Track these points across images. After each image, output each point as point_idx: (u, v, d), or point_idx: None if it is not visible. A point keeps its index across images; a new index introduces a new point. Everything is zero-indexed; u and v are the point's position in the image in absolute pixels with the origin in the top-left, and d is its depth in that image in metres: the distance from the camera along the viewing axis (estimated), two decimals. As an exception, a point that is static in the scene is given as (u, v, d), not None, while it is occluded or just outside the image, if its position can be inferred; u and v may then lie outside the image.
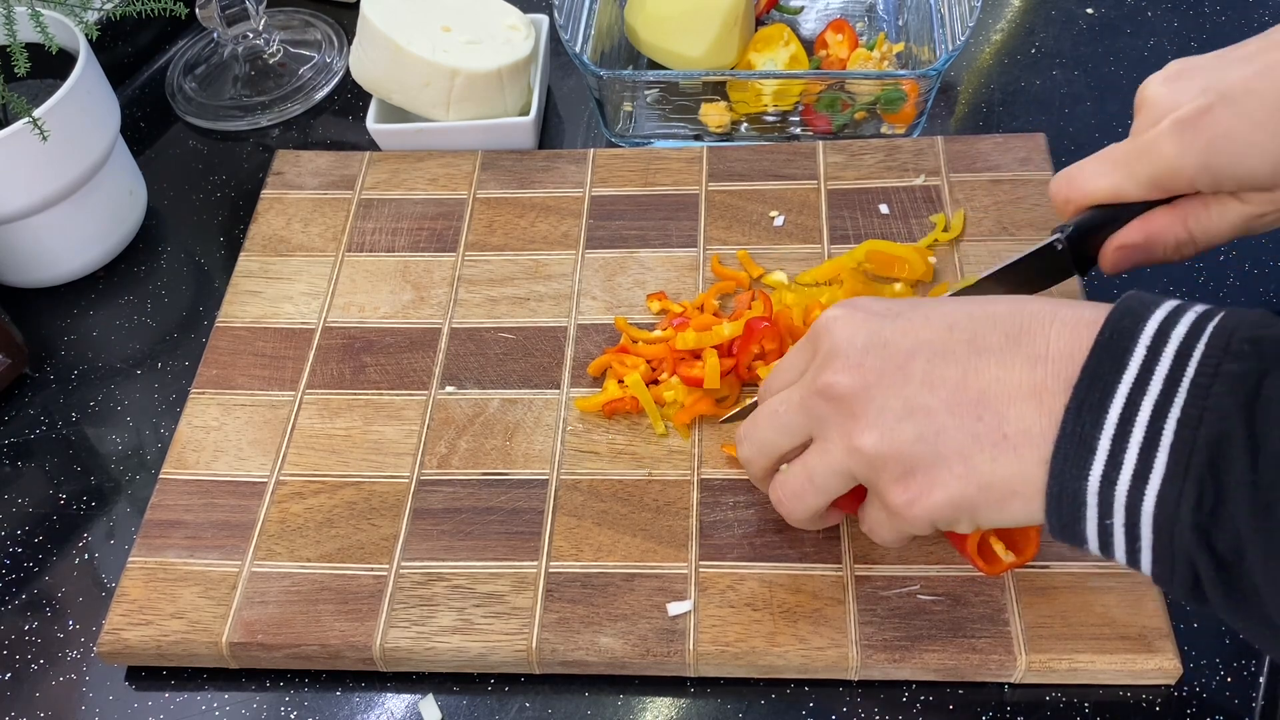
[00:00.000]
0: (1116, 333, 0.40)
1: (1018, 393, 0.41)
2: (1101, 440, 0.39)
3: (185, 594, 0.56)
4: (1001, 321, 0.43)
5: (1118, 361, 0.39)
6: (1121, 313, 0.40)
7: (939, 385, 0.43)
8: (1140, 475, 0.38)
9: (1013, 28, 0.85)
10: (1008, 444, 0.41)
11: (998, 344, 0.42)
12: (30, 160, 0.66)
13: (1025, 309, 0.43)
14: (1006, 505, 0.42)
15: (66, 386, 0.69)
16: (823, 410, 0.46)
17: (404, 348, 0.66)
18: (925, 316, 0.45)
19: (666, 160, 0.74)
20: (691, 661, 0.53)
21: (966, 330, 0.43)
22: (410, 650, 0.54)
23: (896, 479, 0.44)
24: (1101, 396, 0.39)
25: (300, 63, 0.87)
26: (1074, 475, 0.40)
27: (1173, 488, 0.38)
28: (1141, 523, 0.39)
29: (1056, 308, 0.42)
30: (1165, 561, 0.39)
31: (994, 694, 0.53)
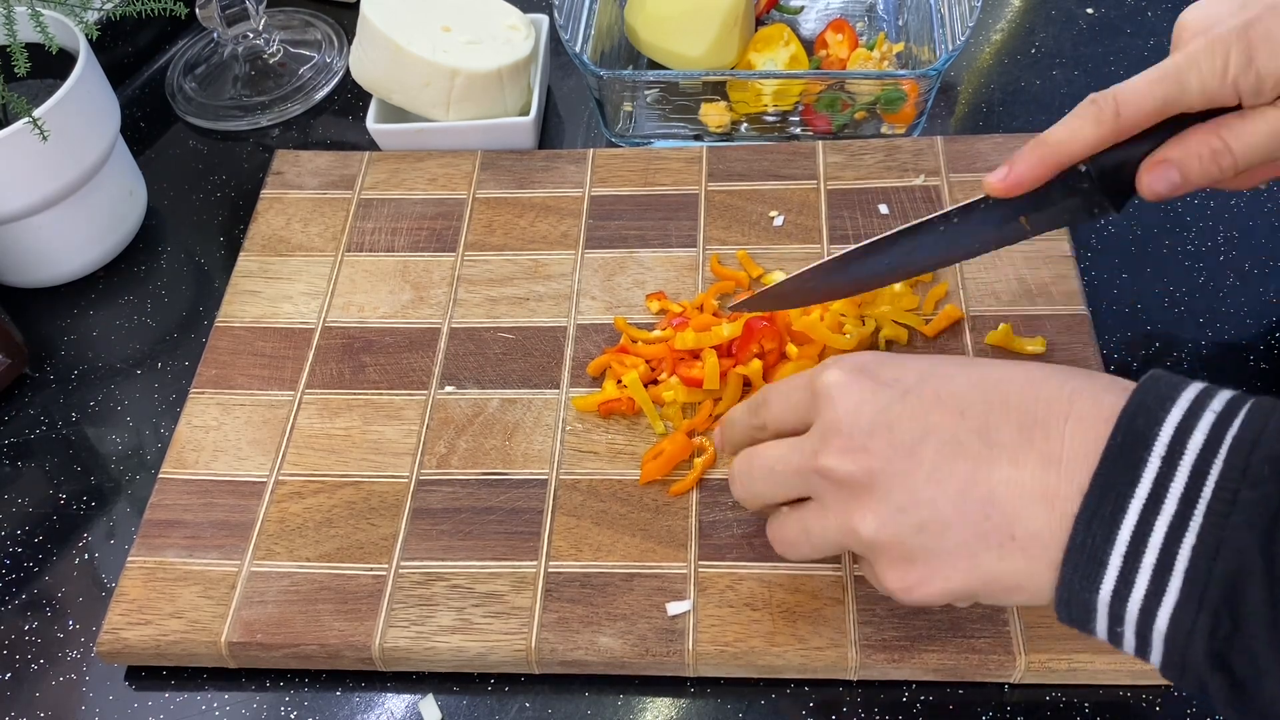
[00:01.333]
0: (1129, 436, 0.38)
1: (1029, 495, 0.40)
2: (1113, 557, 0.38)
3: (184, 594, 0.56)
4: (1014, 407, 0.41)
5: (1131, 473, 0.38)
6: (1135, 409, 0.39)
7: (947, 480, 0.41)
8: (1153, 596, 0.37)
9: (1013, 28, 0.85)
10: (1015, 545, 0.40)
11: (1010, 438, 0.41)
12: (30, 160, 0.66)
13: (1041, 393, 0.41)
14: (1011, 597, 0.42)
15: (66, 386, 0.69)
16: (821, 487, 0.45)
17: (403, 347, 0.66)
18: (936, 395, 0.43)
19: (666, 160, 0.74)
20: (690, 661, 0.53)
21: (978, 417, 0.42)
22: (409, 650, 0.54)
23: (895, 563, 0.43)
24: (1114, 511, 0.38)
25: (300, 63, 0.87)
26: (1083, 587, 0.39)
27: (1186, 614, 0.37)
28: (1153, 638, 0.38)
29: (1073, 392, 0.41)
30: (1175, 671, 0.38)
31: (994, 694, 0.53)
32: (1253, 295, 0.67)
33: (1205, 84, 0.48)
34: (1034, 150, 0.51)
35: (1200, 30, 0.49)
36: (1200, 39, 0.49)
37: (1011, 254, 0.66)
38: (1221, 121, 0.50)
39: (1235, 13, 0.48)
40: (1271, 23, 0.47)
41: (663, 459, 0.59)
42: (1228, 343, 0.65)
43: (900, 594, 0.43)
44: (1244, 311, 0.66)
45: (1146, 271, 0.69)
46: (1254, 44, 0.47)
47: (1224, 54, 0.48)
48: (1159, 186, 0.51)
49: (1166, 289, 0.68)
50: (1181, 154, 0.50)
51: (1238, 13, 0.48)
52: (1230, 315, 0.66)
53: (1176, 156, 0.50)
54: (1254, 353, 0.64)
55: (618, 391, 0.61)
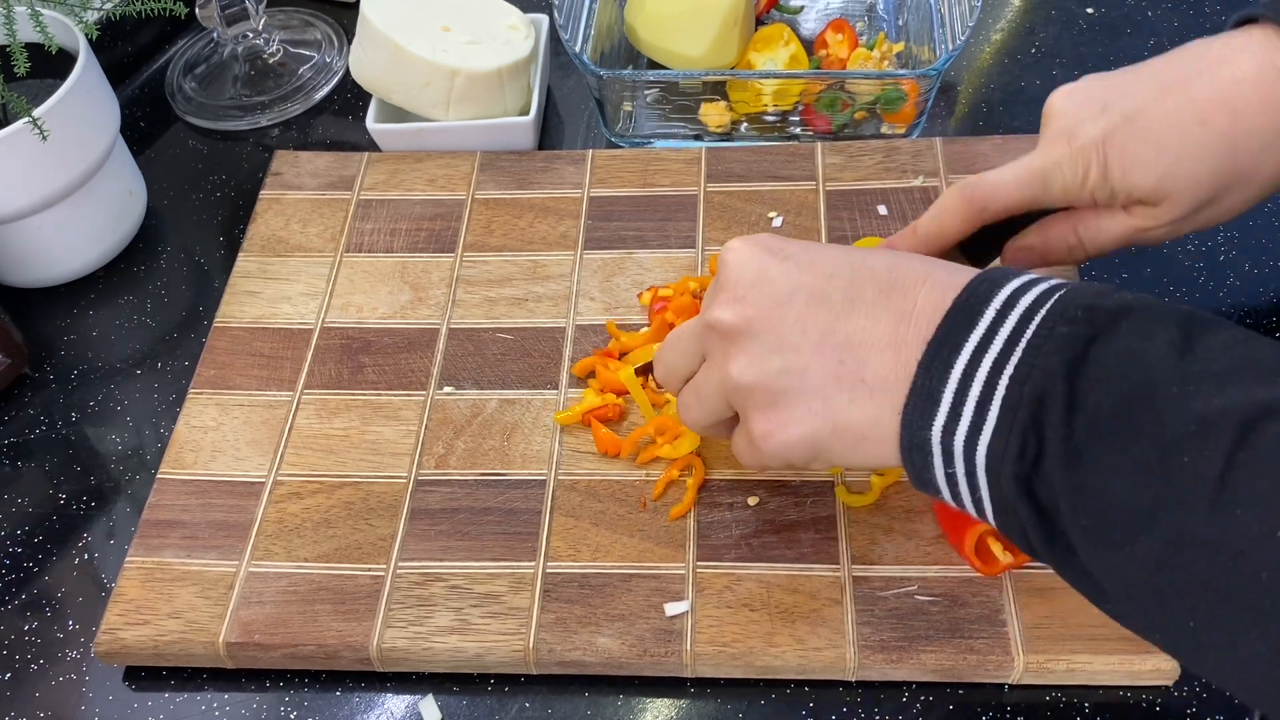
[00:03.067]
0: (973, 296, 0.43)
1: (880, 343, 0.44)
2: (945, 393, 0.42)
3: (182, 594, 0.57)
4: (878, 275, 0.45)
5: (969, 322, 0.42)
6: (981, 279, 0.43)
7: (810, 327, 0.45)
8: (975, 427, 0.41)
9: (1013, 28, 0.85)
10: (864, 388, 0.44)
11: (870, 297, 0.45)
12: (30, 160, 0.66)
13: (902, 265, 0.46)
14: (859, 448, 0.45)
15: (66, 386, 0.69)
16: (709, 339, 0.48)
17: (402, 348, 0.66)
18: (811, 261, 0.47)
19: (665, 161, 0.74)
20: (689, 662, 0.53)
21: (844, 279, 0.46)
22: (407, 650, 0.54)
23: (760, 408, 0.46)
24: (949, 353, 0.42)
25: (300, 62, 0.88)
26: (920, 425, 0.42)
27: (999, 439, 0.40)
28: (977, 472, 0.41)
29: (931, 269, 0.45)
30: (1001, 513, 0.42)
31: (993, 694, 0.53)
32: (1253, 295, 0.67)
33: (1066, 189, 0.53)
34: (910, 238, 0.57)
35: (1064, 129, 0.53)
36: (1064, 146, 0.53)
37: (1011, 254, 0.67)
38: (1079, 218, 0.55)
39: (1096, 117, 0.52)
40: (1125, 139, 0.52)
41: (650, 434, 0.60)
42: (1227, 343, 0.65)
43: (761, 440, 0.46)
44: (1244, 311, 0.66)
45: (1146, 271, 0.68)
46: (1109, 161, 0.52)
47: (1084, 166, 0.52)
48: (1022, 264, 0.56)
49: (1166, 289, 0.68)
50: (1042, 242, 0.56)
51: (1098, 118, 0.52)
52: (1230, 315, 0.66)
53: (1038, 244, 0.56)
54: (1254, 353, 0.64)
55: (600, 399, 0.61)
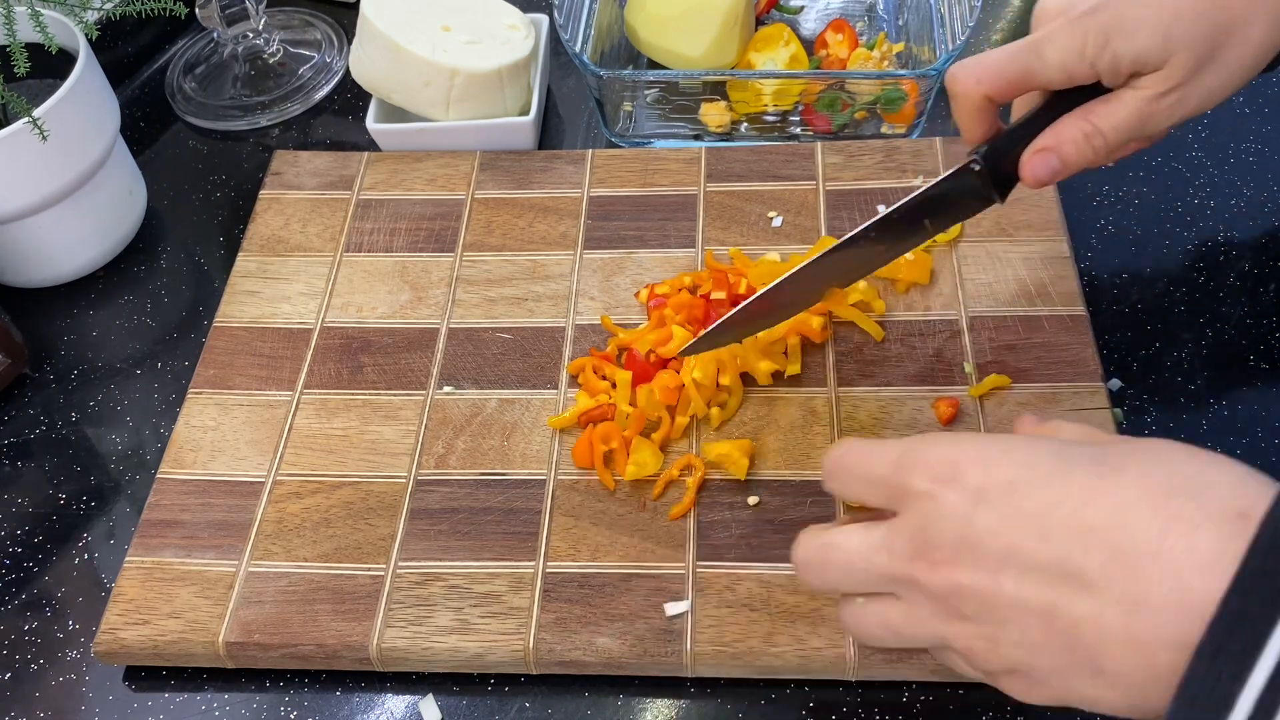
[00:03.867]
0: (1264, 574, 0.34)
1: (1111, 636, 0.37)
2: (1241, 700, 0.33)
3: (182, 594, 0.57)
4: (1098, 539, 0.38)
5: (1268, 610, 0.34)
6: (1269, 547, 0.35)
7: (1029, 609, 0.39)
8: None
9: (1013, 28, 0.85)
10: (1105, 680, 0.38)
11: (1093, 573, 0.38)
12: (30, 160, 0.66)
13: (1128, 522, 0.38)
14: (1126, 713, 0.40)
15: (66, 386, 0.69)
16: (914, 594, 0.43)
17: (402, 348, 0.66)
18: (1018, 512, 0.40)
19: (665, 161, 0.74)
20: (689, 662, 0.53)
21: (1060, 546, 0.39)
22: (407, 650, 0.54)
23: (1001, 672, 0.42)
24: (1245, 648, 0.34)
25: (300, 62, 0.88)
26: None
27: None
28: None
29: (1166, 531, 0.37)
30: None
31: (994, 694, 0.52)
32: (1253, 295, 0.67)
33: (1064, 59, 0.51)
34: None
35: (1058, 14, 0.52)
36: (1059, 20, 0.52)
37: (1010, 254, 0.66)
38: (1089, 107, 0.53)
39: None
40: (1124, 8, 0.50)
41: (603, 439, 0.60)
42: (1228, 343, 0.65)
43: (1011, 689, 0.42)
44: (1244, 311, 0.66)
45: (1146, 271, 0.68)
46: (1108, 26, 0.50)
47: (1081, 34, 0.51)
48: (1041, 173, 0.54)
49: (1166, 289, 0.68)
50: (1057, 140, 0.53)
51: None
52: (1230, 315, 0.66)
53: (1053, 143, 0.53)
54: (1254, 353, 0.64)
55: (593, 401, 0.61)
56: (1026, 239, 0.67)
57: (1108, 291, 0.67)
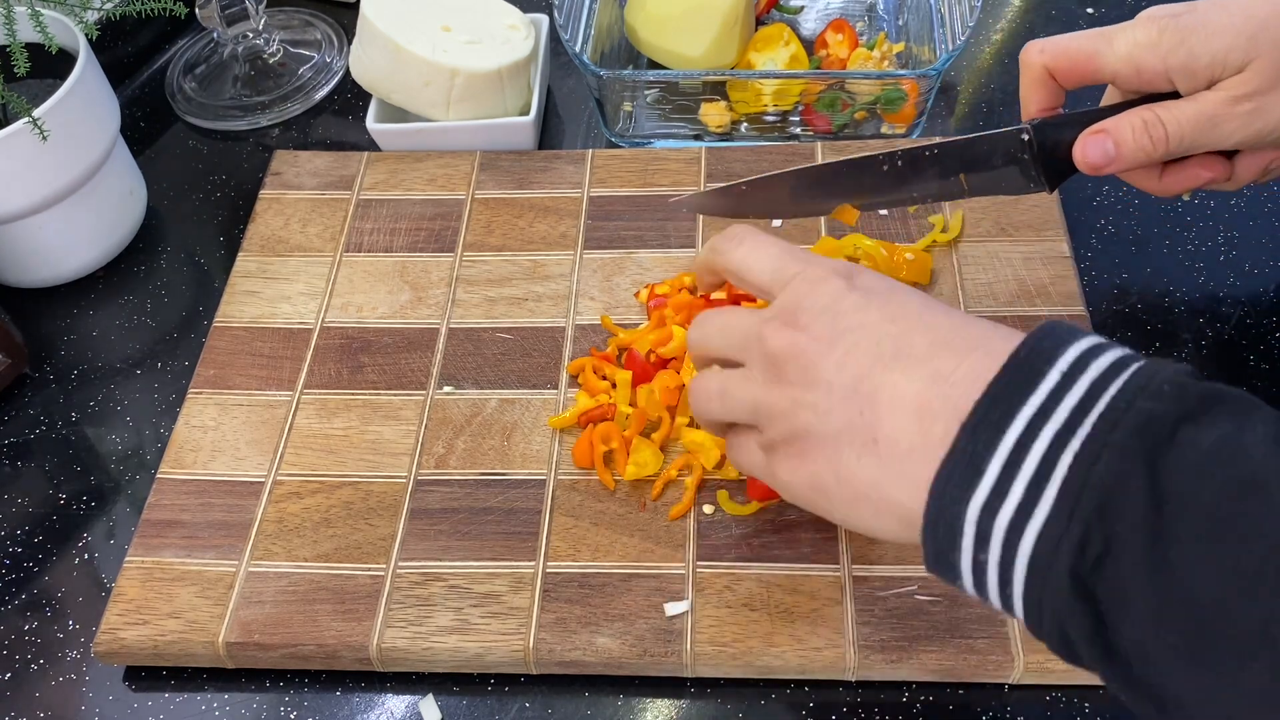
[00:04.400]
0: (1034, 353, 0.37)
1: (904, 404, 0.40)
2: (991, 464, 0.36)
3: (182, 594, 0.57)
4: (935, 331, 0.41)
5: (1028, 383, 0.37)
6: (1042, 335, 0.38)
7: (847, 370, 0.42)
8: (1024, 509, 0.35)
9: (1013, 28, 0.85)
10: (875, 448, 0.40)
11: (919, 352, 0.41)
12: (30, 160, 0.66)
13: (969, 328, 0.41)
14: (858, 506, 0.42)
15: (66, 386, 0.69)
16: (757, 352, 0.45)
17: (402, 348, 0.66)
18: (884, 303, 0.43)
19: (665, 161, 0.74)
20: (689, 662, 0.53)
21: (902, 330, 0.42)
22: (407, 650, 0.54)
23: (783, 438, 0.44)
24: (1001, 417, 0.36)
25: (300, 63, 0.88)
26: (955, 498, 0.37)
27: (1056, 526, 0.35)
28: (1017, 562, 0.36)
29: (995, 336, 0.40)
30: (1034, 611, 0.36)
31: (994, 694, 0.53)
32: (1253, 295, 0.67)
33: (1133, 51, 0.50)
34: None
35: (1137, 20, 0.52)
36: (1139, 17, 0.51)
37: (1010, 254, 0.66)
38: (1162, 106, 0.51)
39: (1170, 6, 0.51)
40: (1208, 13, 0.49)
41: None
42: (1228, 343, 0.65)
43: (776, 465, 0.44)
44: (1244, 311, 0.66)
45: (1146, 271, 0.68)
46: (1187, 26, 0.49)
47: (1157, 29, 0.50)
48: (1093, 154, 0.52)
49: (1166, 289, 0.68)
50: (1115, 124, 0.52)
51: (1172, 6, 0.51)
52: (1230, 315, 0.66)
53: (1111, 126, 0.52)
54: (1254, 353, 0.64)
55: (592, 402, 0.61)
56: (1026, 239, 0.67)
57: (1108, 291, 0.67)
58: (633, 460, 0.59)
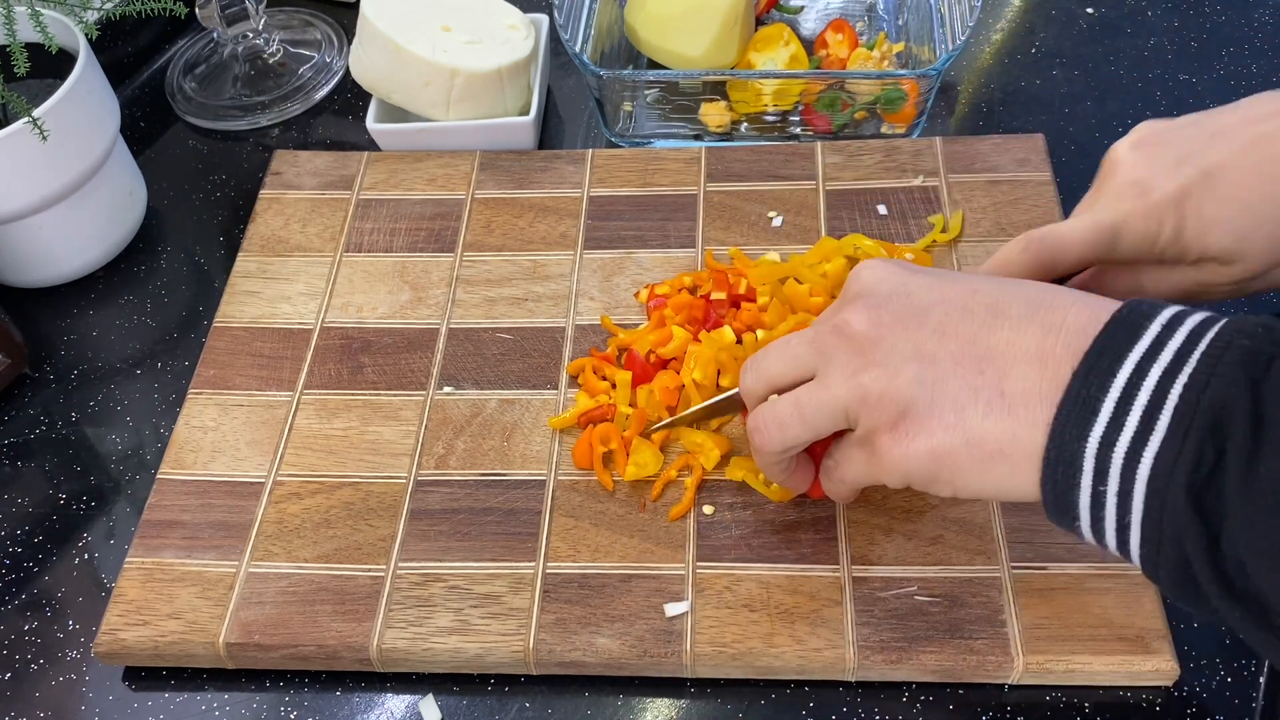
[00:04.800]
0: (1134, 313, 0.41)
1: (1024, 355, 0.42)
2: (1105, 403, 0.39)
3: (182, 594, 0.57)
4: (1025, 293, 0.44)
5: (1131, 334, 0.40)
6: (1136, 302, 0.41)
7: (950, 336, 0.43)
8: (1140, 437, 0.38)
9: (1013, 28, 0.85)
10: (1003, 401, 0.42)
11: (1017, 312, 0.43)
12: (30, 160, 0.66)
13: (1050, 289, 0.44)
14: (991, 466, 0.42)
15: (66, 386, 0.69)
16: (833, 346, 0.46)
17: (402, 348, 0.66)
18: (954, 279, 0.46)
19: (665, 161, 0.74)
20: (688, 662, 0.53)
21: (989, 295, 0.44)
22: (407, 651, 0.54)
23: (888, 420, 0.44)
24: (1111, 362, 0.39)
25: (300, 62, 0.88)
26: (1073, 436, 0.40)
27: (1171, 448, 0.38)
28: (1135, 489, 0.39)
29: (1080, 295, 0.43)
30: (1153, 541, 0.39)
31: (994, 694, 0.53)
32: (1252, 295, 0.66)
33: (1136, 247, 0.52)
34: None
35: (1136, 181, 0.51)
36: (1138, 201, 0.51)
37: (1010, 254, 0.66)
38: (1140, 268, 0.53)
39: (1170, 171, 0.51)
40: (1202, 198, 0.50)
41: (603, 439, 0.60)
42: (1228, 343, 0.64)
43: (887, 450, 0.44)
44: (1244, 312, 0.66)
45: (1146, 272, 0.68)
46: (1185, 219, 0.50)
47: (1158, 224, 0.51)
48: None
49: (1166, 289, 0.67)
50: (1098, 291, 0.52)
51: (1173, 172, 0.51)
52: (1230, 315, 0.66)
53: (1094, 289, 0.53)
54: (1254, 353, 0.64)
55: (592, 402, 0.61)
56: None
57: (1108, 292, 0.67)
58: (633, 461, 0.59)
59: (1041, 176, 0.70)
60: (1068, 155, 0.75)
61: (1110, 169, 0.53)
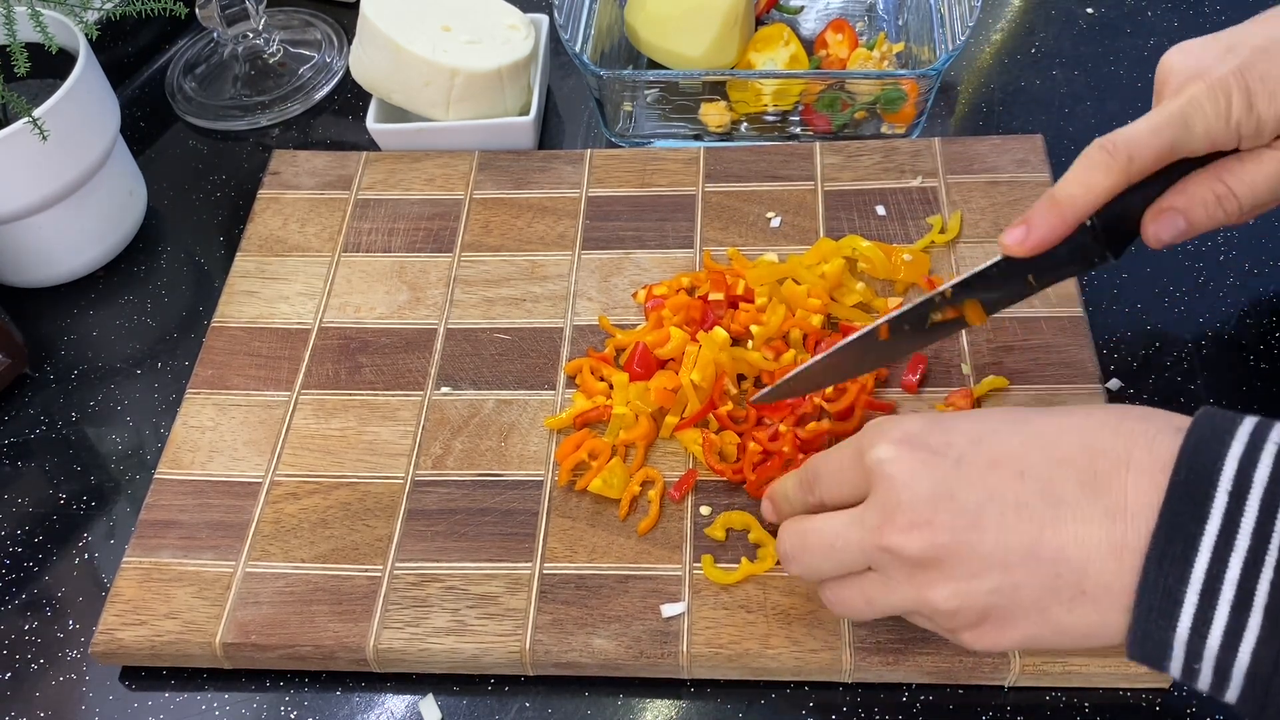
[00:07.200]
0: (1192, 474, 0.38)
1: (1096, 551, 0.40)
2: (1188, 595, 0.38)
3: (179, 594, 0.57)
4: (1075, 467, 0.41)
5: (1198, 510, 0.38)
6: (1194, 448, 0.39)
7: (1014, 543, 0.41)
8: (1233, 632, 0.37)
9: (1013, 28, 0.85)
10: (1086, 599, 0.41)
11: (1073, 495, 0.41)
12: (30, 160, 0.66)
13: (1097, 445, 0.41)
14: (1085, 643, 0.42)
15: (66, 386, 0.70)
16: (887, 562, 0.44)
17: (399, 348, 0.66)
18: (991, 458, 0.43)
19: (663, 161, 0.74)
20: (685, 664, 0.53)
21: (1038, 479, 0.42)
22: (404, 652, 0.54)
23: (968, 623, 0.43)
24: (1185, 549, 0.38)
25: (300, 62, 0.88)
26: (1159, 626, 0.39)
27: (1270, 648, 0.37)
28: (1233, 674, 0.38)
29: (1130, 445, 0.41)
30: (1255, 706, 0.38)
31: (994, 694, 0.53)
32: (1253, 295, 0.67)
33: (1210, 128, 0.48)
34: (1050, 209, 0.50)
35: (1190, 74, 0.49)
36: (1198, 83, 0.48)
37: (1009, 255, 0.66)
38: (1223, 165, 0.49)
39: (1223, 56, 0.48)
40: (1265, 66, 0.48)
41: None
42: (1228, 343, 0.64)
43: (971, 644, 0.44)
44: (1244, 311, 0.66)
45: (1146, 271, 0.68)
46: (1252, 88, 0.47)
47: (1226, 98, 0.48)
48: (1165, 234, 0.50)
49: (1166, 289, 0.67)
50: (1186, 202, 0.50)
51: (1226, 56, 0.48)
52: (1230, 315, 0.66)
53: (1182, 204, 0.50)
54: (1254, 353, 0.64)
55: (589, 403, 0.61)
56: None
57: (1107, 291, 0.67)
58: (602, 476, 0.58)
59: (1040, 177, 0.70)
60: (1068, 155, 0.74)
61: (1164, 76, 0.51)
